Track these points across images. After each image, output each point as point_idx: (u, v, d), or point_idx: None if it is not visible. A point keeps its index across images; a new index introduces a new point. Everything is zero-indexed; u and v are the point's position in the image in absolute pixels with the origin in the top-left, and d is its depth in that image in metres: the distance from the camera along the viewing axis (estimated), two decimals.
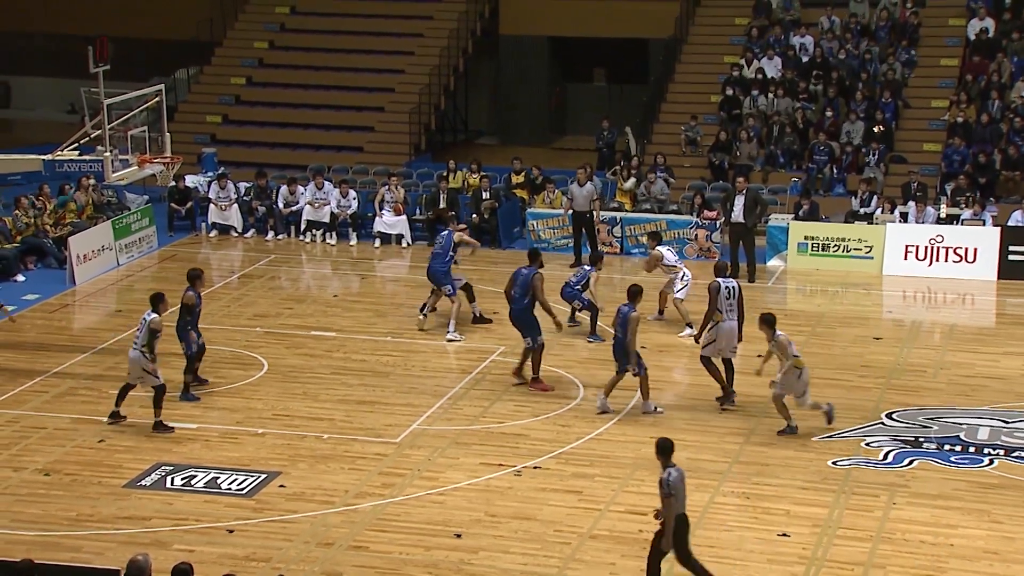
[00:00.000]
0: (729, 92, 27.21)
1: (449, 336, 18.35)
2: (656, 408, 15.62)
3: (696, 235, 23.00)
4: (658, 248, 19.22)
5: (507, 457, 14.64)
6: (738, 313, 16.01)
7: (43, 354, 17.91)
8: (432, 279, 18.73)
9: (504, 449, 14.87)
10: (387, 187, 24.05)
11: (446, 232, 19.02)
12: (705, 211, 23.29)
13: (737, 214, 21.55)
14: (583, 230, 22.25)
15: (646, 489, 13.80)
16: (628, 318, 15.33)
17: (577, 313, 18.72)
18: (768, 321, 15.00)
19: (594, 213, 22.12)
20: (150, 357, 15.07)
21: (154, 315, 15.18)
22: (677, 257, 19.37)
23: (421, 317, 18.80)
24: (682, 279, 18.87)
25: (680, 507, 11.26)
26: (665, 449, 11.38)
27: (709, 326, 15.95)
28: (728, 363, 15.97)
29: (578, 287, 18.42)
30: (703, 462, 14.51)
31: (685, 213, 23.76)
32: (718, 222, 22.77)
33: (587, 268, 18.67)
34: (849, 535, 12.91)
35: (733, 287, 16.14)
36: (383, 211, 23.89)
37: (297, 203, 24.35)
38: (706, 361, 16.03)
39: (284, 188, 24.49)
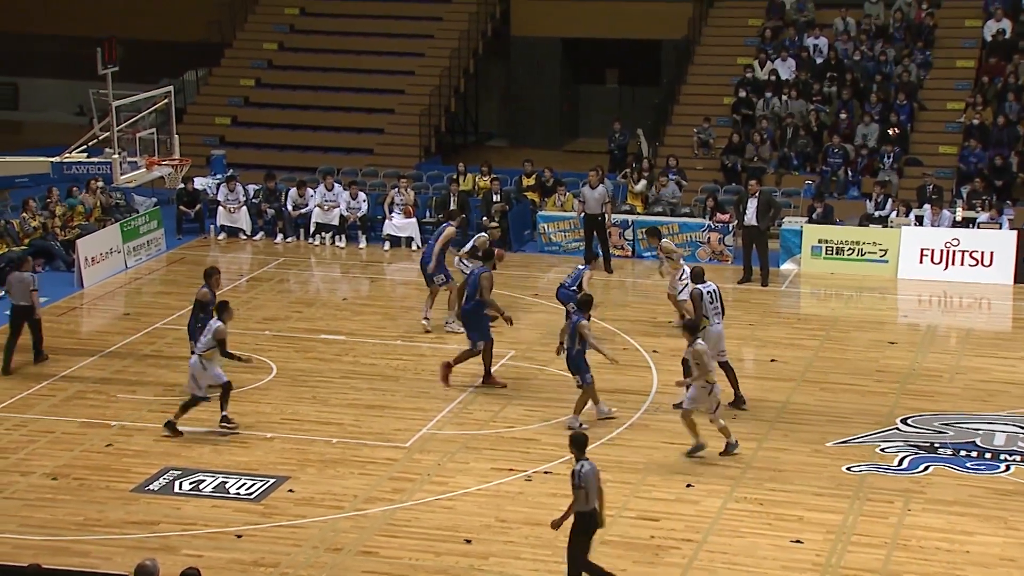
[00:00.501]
0: (742, 94, 27.17)
1: (448, 326, 18.40)
2: (581, 424, 15.26)
3: (708, 238, 22.96)
4: (664, 240, 19.26)
5: (517, 462, 14.63)
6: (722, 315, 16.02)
7: (51, 357, 17.93)
8: (423, 268, 18.83)
9: (514, 454, 14.87)
10: (397, 189, 24.06)
11: (443, 224, 19.15)
12: (717, 214, 23.26)
13: (750, 217, 21.52)
14: (595, 233, 22.25)
15: (658, 495, 13.80)
16: (576, 326, 15.24)
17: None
18: (690, 328, 14.87)
19: (606, 216, 22.12)
20: (204, 365, 15.02)
21: (219, 323, 15.14)
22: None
23: (424, 321, 18.87)
24: (681, 278, 18.79)
25: (589, 503, 11.37)
26: (579, 443, 11.59)
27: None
28: (726, 366, 15.92)
29: (573, 288, 18.30)
30: (716, 467, 14.48)
31: (697, 216, 23.71)
32: (731, 225, 22.74)
33: (580, 268, 18.61)
34: (864, 542, 12.87)
35: (714, 290, 16.13)
36: (393, 214, 23.92)
37: (306, 205, 24.37)
38: (687, 364, 15.88)
39: (293, 190, 24.52)
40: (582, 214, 22.34)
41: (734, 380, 15.95)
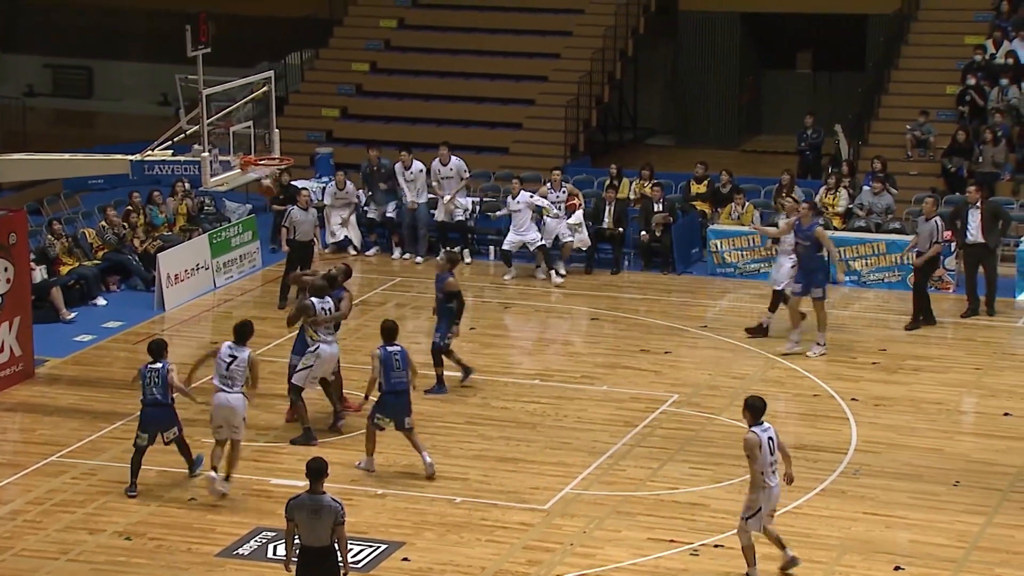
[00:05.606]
0: (971, 81, 26.72)
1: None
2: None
3: None
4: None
5: (681, 532, 14.57)
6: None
7: (126, 393, 18.39)
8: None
9: (677, 521, 14.81)
10: (549, 184, 23.91)
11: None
12: None
13: (974, 233, 21.10)
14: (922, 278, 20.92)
15: None
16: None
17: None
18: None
19: (939, 258, 20.94)
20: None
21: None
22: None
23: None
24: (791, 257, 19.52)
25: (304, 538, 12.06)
26: (317, 472, 12.15)
27: (312, 348, 16.79)
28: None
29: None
30: (931, 547, 14.23)
31: (910, 233, 23.33)
32: (952, 245, 22.31)
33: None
34: None
35: (329, 307, 16.86)
36: (546, 219, 23.73)
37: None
38: (297, 392, 16.85)
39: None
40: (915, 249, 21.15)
41: (340, 393, 17.16)
